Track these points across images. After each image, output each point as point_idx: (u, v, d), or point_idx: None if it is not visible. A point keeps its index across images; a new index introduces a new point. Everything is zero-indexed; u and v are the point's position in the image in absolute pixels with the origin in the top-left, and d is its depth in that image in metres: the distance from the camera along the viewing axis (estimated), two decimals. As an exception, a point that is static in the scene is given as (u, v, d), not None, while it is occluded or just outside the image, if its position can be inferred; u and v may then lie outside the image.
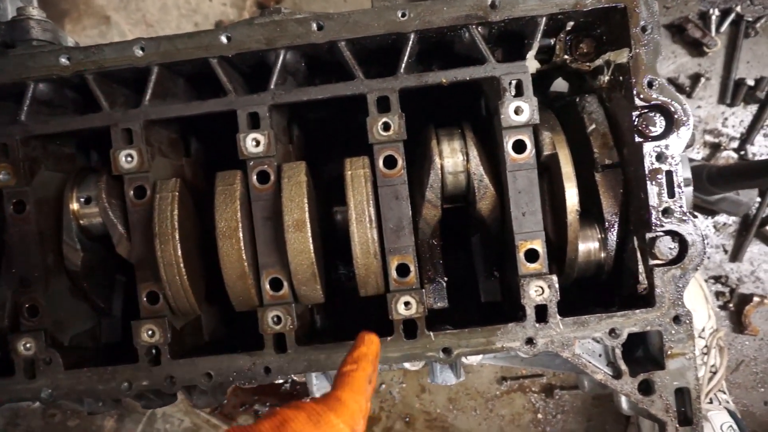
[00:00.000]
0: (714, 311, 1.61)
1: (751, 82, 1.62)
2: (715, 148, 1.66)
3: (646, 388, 0.94)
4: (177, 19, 1.86)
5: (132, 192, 0.96)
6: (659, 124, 0.94)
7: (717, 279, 1.68)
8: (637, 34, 0.93)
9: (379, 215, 0.94)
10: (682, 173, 0.94)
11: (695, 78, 1.66)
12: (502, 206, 0.99)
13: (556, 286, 0.92)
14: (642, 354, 1.00)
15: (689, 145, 1.09)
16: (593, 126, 1.02)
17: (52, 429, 1.82)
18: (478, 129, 1.05)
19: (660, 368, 0.94)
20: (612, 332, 0.93)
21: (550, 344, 0.93)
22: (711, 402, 1.44)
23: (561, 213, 0.95)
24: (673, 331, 0.93)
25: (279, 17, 0.95)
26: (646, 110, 0.94)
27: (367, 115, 0.94)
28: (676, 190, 0.92)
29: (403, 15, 0.93)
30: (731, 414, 1.43)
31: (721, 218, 1.67)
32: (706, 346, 1.50)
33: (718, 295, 1.68)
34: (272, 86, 0.95)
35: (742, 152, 1.66)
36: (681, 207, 0.92)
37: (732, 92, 1.65)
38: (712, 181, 1.48)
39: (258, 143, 0.94)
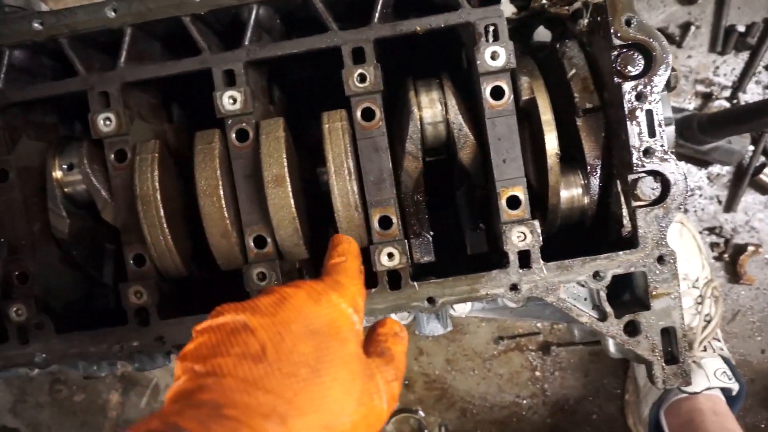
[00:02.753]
0: (709, 262, 1.61)
1: (741, 29, 1.59)
2: (707, 97, 1.64)
3: (632, 329, 0.95)
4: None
5: (113, 156, 0.96)
6: (638, 63, 0.92)
7: (711, 230, 1.67)
8: (613, -28, 0.91)
9: (359, 169, 0.94)
10: (663, 112, 0.93)
11: (685, 27, 1.63)
12: (484, 155, 0.98)
13: (539, 230, 0.92)
14: (629, 297, 1.01)
15: (672, 87, 1.08)
16: (574, 71, 1.01)
17: (59, 404, 1.85)
18: (459, 81, 1.04)
19: (645, 309, 0.94)
20: (596, 275, 0.93)
21: (534, 289, 0.93)
22: (705, 350, 1.44)
23: (542, 158, 0.95)
24: (657, 272, 0.93)
25: (249, -29, 0.94)
26: (624, 50, 0.93)
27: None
28: (657, 129, 0.91)
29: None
30: (725, 360, 1.43)
31: (715, 168, 1.66)
32: (700, 295, 1.50)
33: (713, 246, 1.68)
34: (246, 42, 0.94)
35: (735, 101, 1.64)
36: (662, 146, 0.92)
37: (723, 40, 1.62)
38: (703, 130, 1.46)
39: (235, 101, 0.94)
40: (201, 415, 0.52)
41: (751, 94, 1.64)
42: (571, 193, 1.00)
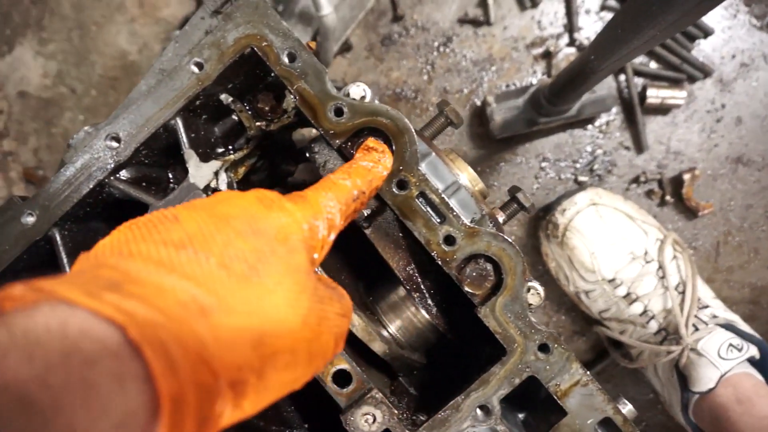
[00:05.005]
0: (653, 219, 1.37)
1: (535, -26, 1.40)
2: (547, 56, 1.44)
3: (563, 444, 0.71)
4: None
5: None
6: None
7: (637, 180, 1.44)
8: (287, 70, 0.71)
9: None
10: (440, 184, 0.72)
11: (483, 3, 1.44)
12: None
13: (385, 399, 0.70)
14: (545, 393, 0.77)
15: (453, 124, 0.87)
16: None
17: None
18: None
19: (563, 414, 0.71)
20: (483, 410, 0.71)
21: (421, 474, 0.70)
22: (696, 328, 1.18)
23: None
24: (547, 367, 0.70)
25: None
26: (356, 139, 0.72)
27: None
28: (443, 210, 0.70)
29: (31, 215, 0.73)
30: (726, 327, 1.18)
31: (601, 119, 1.44)
32: (660, 267, 1.26)
33: (649, 194, 1.45)
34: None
35: (576, 43, 1.43)
36: (462, 224, 0.70)
37: (527, -7, 1.43)
38: (552, 102, 1.25)
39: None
40: (89, 285, 0.36)
41: (587, 28, 1.44)
42: (403, 314, 0.78)
